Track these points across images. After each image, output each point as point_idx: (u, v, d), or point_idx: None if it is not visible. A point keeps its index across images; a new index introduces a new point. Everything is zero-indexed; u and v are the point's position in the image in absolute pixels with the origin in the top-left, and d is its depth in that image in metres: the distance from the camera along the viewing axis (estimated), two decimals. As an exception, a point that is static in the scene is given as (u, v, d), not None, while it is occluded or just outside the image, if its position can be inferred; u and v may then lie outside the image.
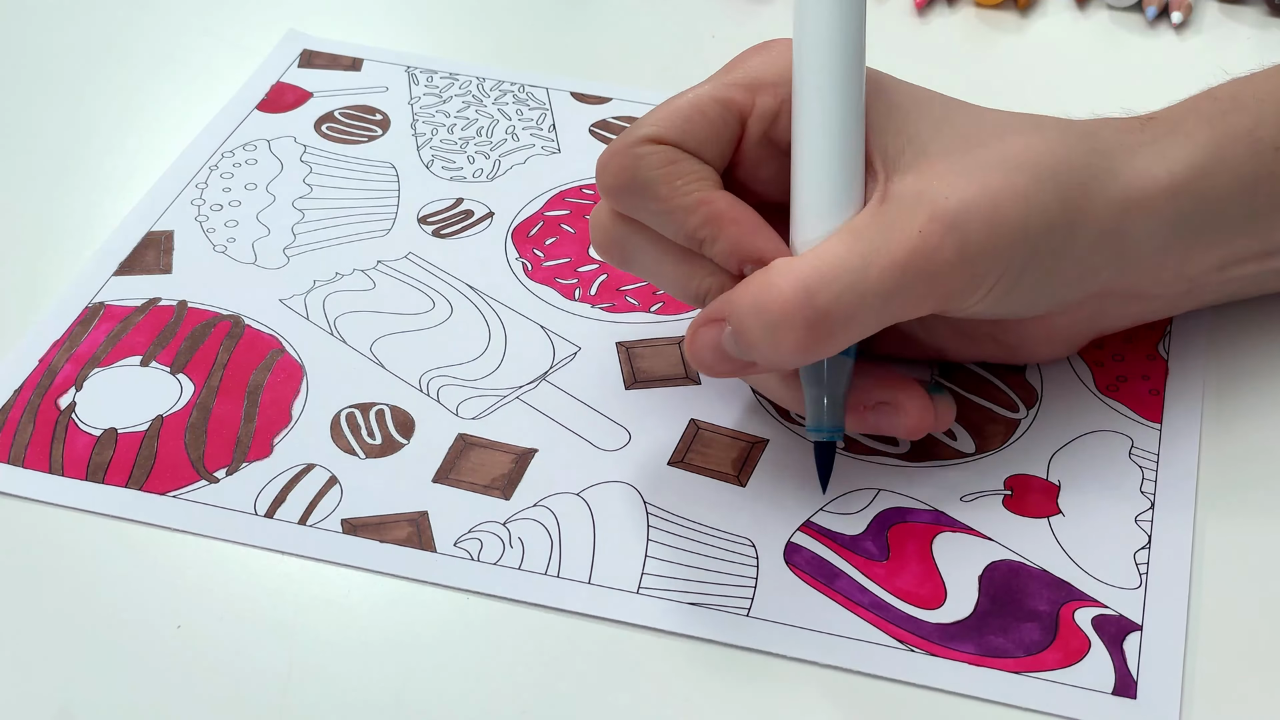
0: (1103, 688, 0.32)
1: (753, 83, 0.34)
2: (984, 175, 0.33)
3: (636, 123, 0.34)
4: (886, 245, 0.32)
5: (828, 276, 0.32)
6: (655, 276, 0.35)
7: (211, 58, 0.52)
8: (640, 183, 0.33)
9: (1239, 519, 0.36)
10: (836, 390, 0.34)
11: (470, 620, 0.34)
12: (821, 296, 0.31)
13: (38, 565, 0.35)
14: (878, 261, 0.32)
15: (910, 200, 0.32)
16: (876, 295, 0.32)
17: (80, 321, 0.42)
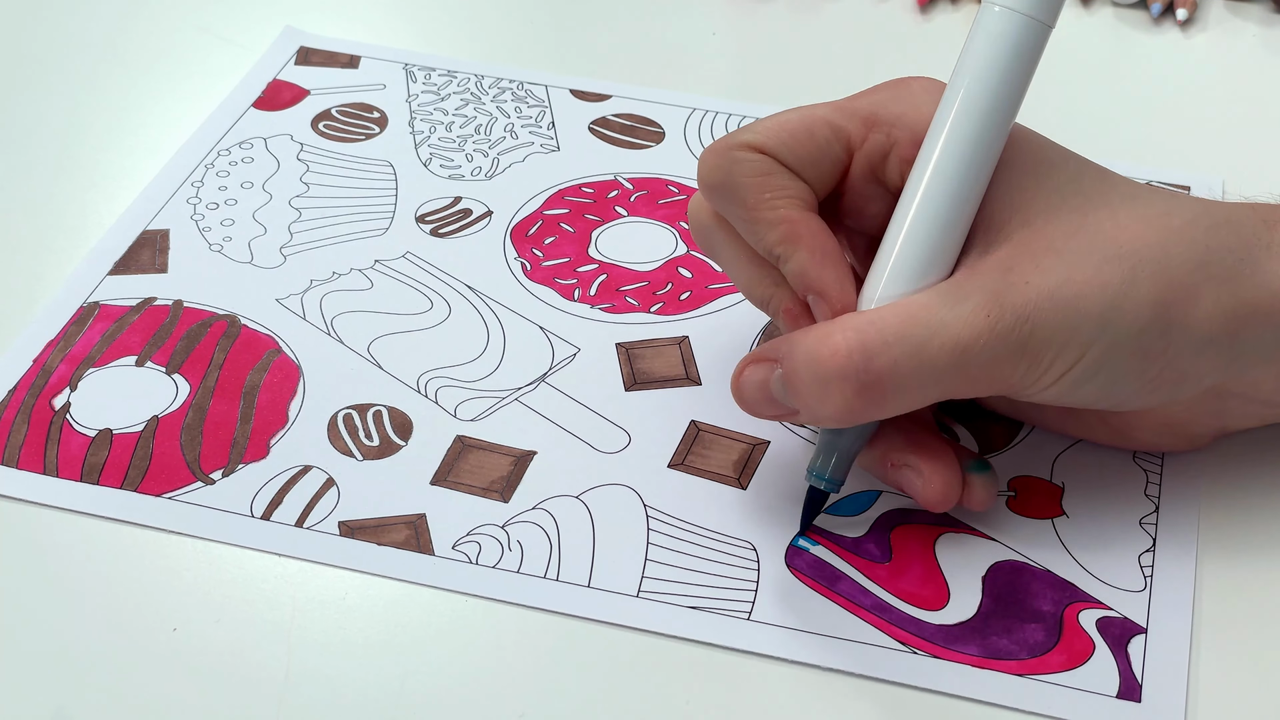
0: (1107, 691, 0.32)
1: (871, 116, 0.34)
2: (1075, 262, 0.31)
3: (745, 126, 0.34)
4: (952, 322, 0.31)
5: (890, 342, 0.31)
6: (730, 271, 0.36)
7: (208, 55, 0.52)
8: (730, 186, 0.33)
9: (1243, 522, 0.36)
10: (850, 447, 0.33)
11: (469, 624, 0.34)
12: (879, 361, 0.31)
13: (32, 567, 0.35)
14: (940, 336, 0.31)
15: (990, 278, 0.31)
16: (933, 371, 0.31)
17: (75, 321, 0.41)
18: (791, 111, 0.34)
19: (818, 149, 0.33)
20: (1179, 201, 0.33)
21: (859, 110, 0.34)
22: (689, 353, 0.40)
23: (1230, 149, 0.47)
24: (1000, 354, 0.31)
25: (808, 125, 0.33)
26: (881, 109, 0.34)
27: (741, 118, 0.48)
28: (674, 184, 0.46)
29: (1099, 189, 0.33)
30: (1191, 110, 0.49)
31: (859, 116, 0.34)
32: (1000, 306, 0.31)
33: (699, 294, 0.42)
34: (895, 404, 0.31)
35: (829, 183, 0.34)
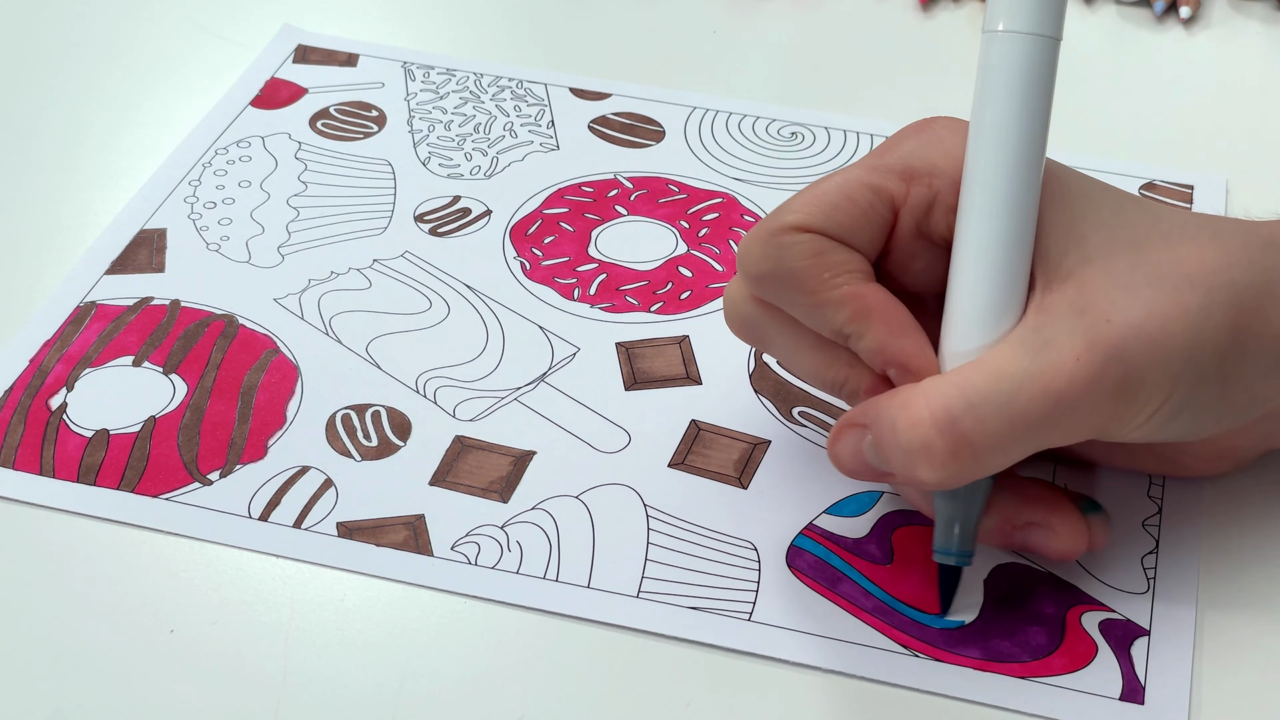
0: (1110, 693, 0.32)
1: (906, 169, 0.32)
2: (1152, 292, 0.30)
3: (781, 207, 0.32)
4: (1040, 372, 0.30)
5: (975, 403, 0.30)
6: (789, 361, 0.34)
7: (205, 53, 0.51)
8: (785, 274, 0.32)
9: (1247, 524, 0.36)
10: (970, 514, 0.32)
11: (468, 625, 0.34)
12: (965, 423, 0.30)
13: (29, 568, 0.35)
14: (1029, 389, 0.30)
15: (1068, 318, 0.30)
16: (1025, 424, 0.30)
17: (72, 321, 0.41)
18: (824, 181, 0.32)
19: (862, 214, 0.32)
20: (1221, 224, 0.32)
21: (892, 165, 0.32)
22: (689, 352, 0.40)
23: (1234, 147, 0.47)
24: (1097, 397, 0.30)
25: (846, 192, 0.32)
26: (914, 159, 0.32)
27: (742, 116, 0.48)
28: (674, 183, 0.46)
29: (1144, 219, 0.32)
30: (1195, 109, 0.49)
31: (894, 172, 0.32)
32: (1089, 349, 0.30)
33: (699, 293, 0.42)
34: (991, 463, 0.30)
35: (878, 246, 0.32)
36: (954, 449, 0.30)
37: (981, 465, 0.30)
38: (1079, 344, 0.30)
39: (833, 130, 0.48)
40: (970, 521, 0.32)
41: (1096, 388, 0.30)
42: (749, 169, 0.46)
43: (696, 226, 0.44)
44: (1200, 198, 0.44)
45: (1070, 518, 0.33)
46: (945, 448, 0.30)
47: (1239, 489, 0.36)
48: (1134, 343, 0.30)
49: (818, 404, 0.39)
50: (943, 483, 0.30)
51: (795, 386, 0.39)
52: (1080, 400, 0.30)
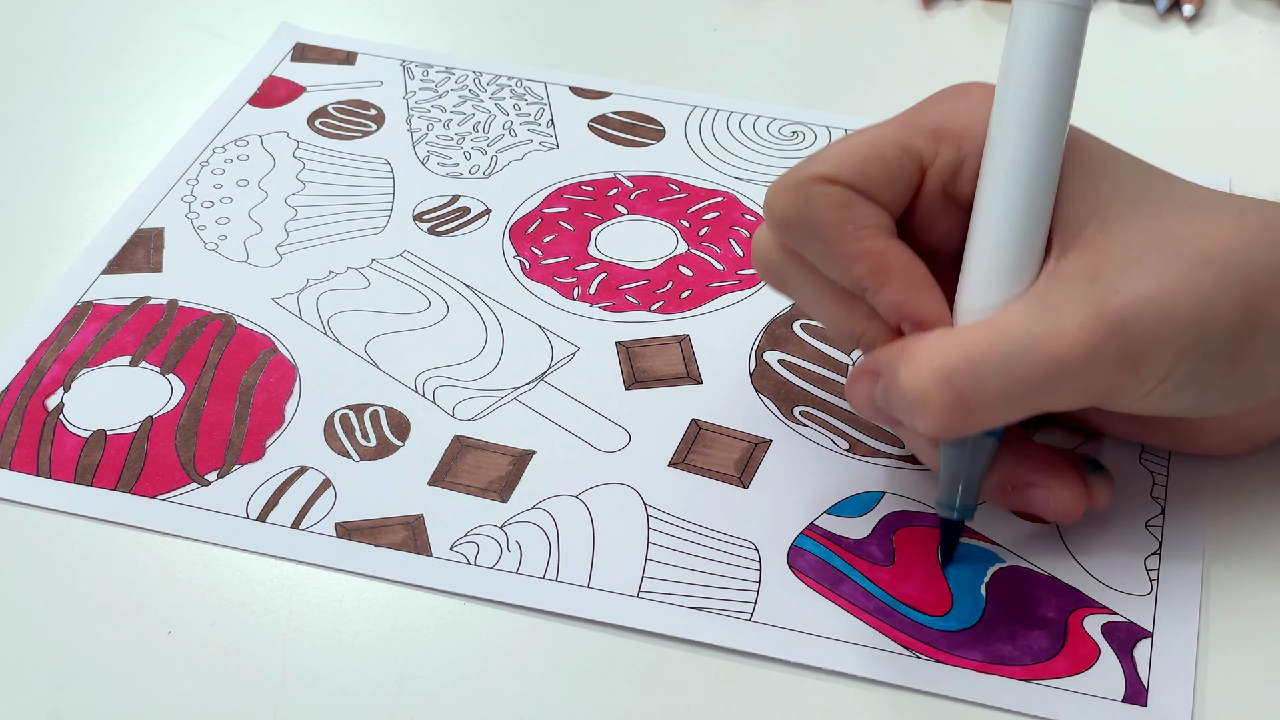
0: (1113, 695, 0.32)
1: (938, 130, 0.32)
2: (1166, 267, 0.30)
3: (811, 157, 0.32)
4: (1043, 336, 0.30)
5: (971, 359, 0.30)
6: (811, 309, 0.35)
7: (203, 51, 0.51)
8: (809, 222, 0.32)
9: (1250, 525, 0.35)
10: (974, 472, 0.33)
11: (467, 625, 0.34)
12: (963, 380, 0.30)
13: (25, 569, 0.35)
14: (1030, 352, 0.30)
15: (1078, 285, 0.30)
16: (1023, 386, 0.30)
17: (69, 321, 0.41)
18: (856, 135, 0.33)
19: (890, 171, 0.32)
20: (1246, 203, 0.32)
21: (924, 125, 0.32)
22: (690, 351, 0.40)
23: (1237, 146, 0.47)
24: (1097, 366, 0.30)
25: (878, 148, 0.32)
26: (947, 121, 0.32)
27: (742, 115, 0.48)
28: (675, 182, 0.46)
29: (1167, 193, 0.32)
30: (1198, 107, 0.49)
31: (925, 132, 0.32)
32: (1094, 317, 0.30)
33: (700, 293, 0.42)
34: (986, 420, 0.31)
35: (904, 204, 0.33)
36: (950, 404, 0.30)
37: (977, 421, 0.31)
38: (1084, 312, 0.30)
39: (834, 129, 0.47)
40: (974, 478, 0.33)
41: (1097, 356, 0.30)
42: (749, 168, 0.46)
43: (697, 226, 0.44)
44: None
45: (1069, 480, 0.33)
46: (942, 402, 0.30)
47: (1242, 489, 0.36)
48: (1140, 315, 0.30)
49: (819, 404, 0.38)
50: (940, 434, 0.31)
51: (796, 386, 0.39)
52: (1080, 367, 0.30)
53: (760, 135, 0.47)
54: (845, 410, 0.38)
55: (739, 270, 0.42)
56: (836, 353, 0.40)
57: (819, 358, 0.40)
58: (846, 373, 0.39)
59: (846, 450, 0.37)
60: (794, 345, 0.40)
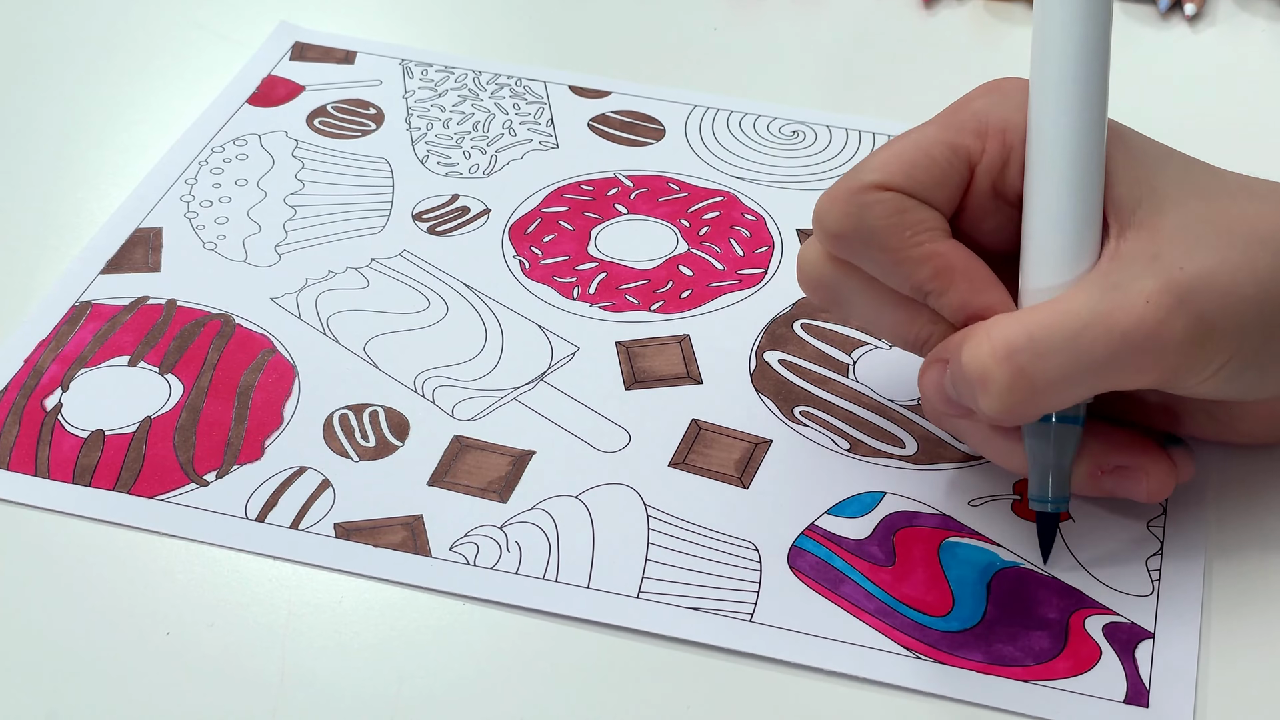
0: (1114, 696, 0.32)
1: (981, 126, 0.32)
2: (1223, 246, 0.30)
3: (859, 166, 0.32)
4: (1109, 311, 0.30)
5: (1037, 337, 0.30)
6: (869, 321, 0.35)
7: (201, 51, 0.51)
8: (866, 232, 0.32)
9: (1252, 525, 0.35)
10: (1063, 460, 0.32)
11: (466, 626, 0.34)
12: (1024, 357, 0.30)
13: (23, 570, 0.35)
14: (1095, 328, 0.30)
15: (1141, 263, 0.30)
16: (1090, 362, 0.30)
17: (67, 321, 0.41)
18: (901, 139, 0.32)
19: (940, 172, 0.32)
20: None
21: (966, 122, 0.32)
22: (690, 351, 0.40)
23: (1239, 145, 0.46)
24: (1165, 341, 0.30)
25: (925, 149, 0.32)
26: (987, 115, 0.32)
27: (743, 114, 0.48)
28: (675, 181, 0.46)
29: (1212, 179, 0.32)
30: (1199, 106, 0.49)
31: (969, 129, 0.32)
32: (1161, 292, 0.30)
33: (700, 292, 0.42)
34: (1054, 399, 0.31)
35: (955, 203, 0.33)
36: (1012, 381, 0.30)
37: (1039, 400, 0.31)
38: (1150, 286, 0.30)
39: (834, 129, 0.47)
40: (1063, 468, 0.33)
41: (1165, 330, 0.30)
42: (750, 167, 0.46)
43: (697, 225, 0.44)
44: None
45: (1159, 458, 0.33)
46: (1003, 379, 0.30)
47: (1244, 489, 0.36)
48: (1206, 291, 0.30)
49: (819, 404, 0.38)
50: (1002, 414, 0.31)
51: (797, 386, 0.39)
52: (1147, 342, 0.30)
53: (761, 135, 0.47)
54: (846, 410, 0.38)
55: (739, 270, 0.42)
56: (837, 353, 0.40)
57: (819, 358, 0.40)
58: (847, 373, 0.39)
59: (847, 450, 0.37)
60: (795, 345, 0.40)
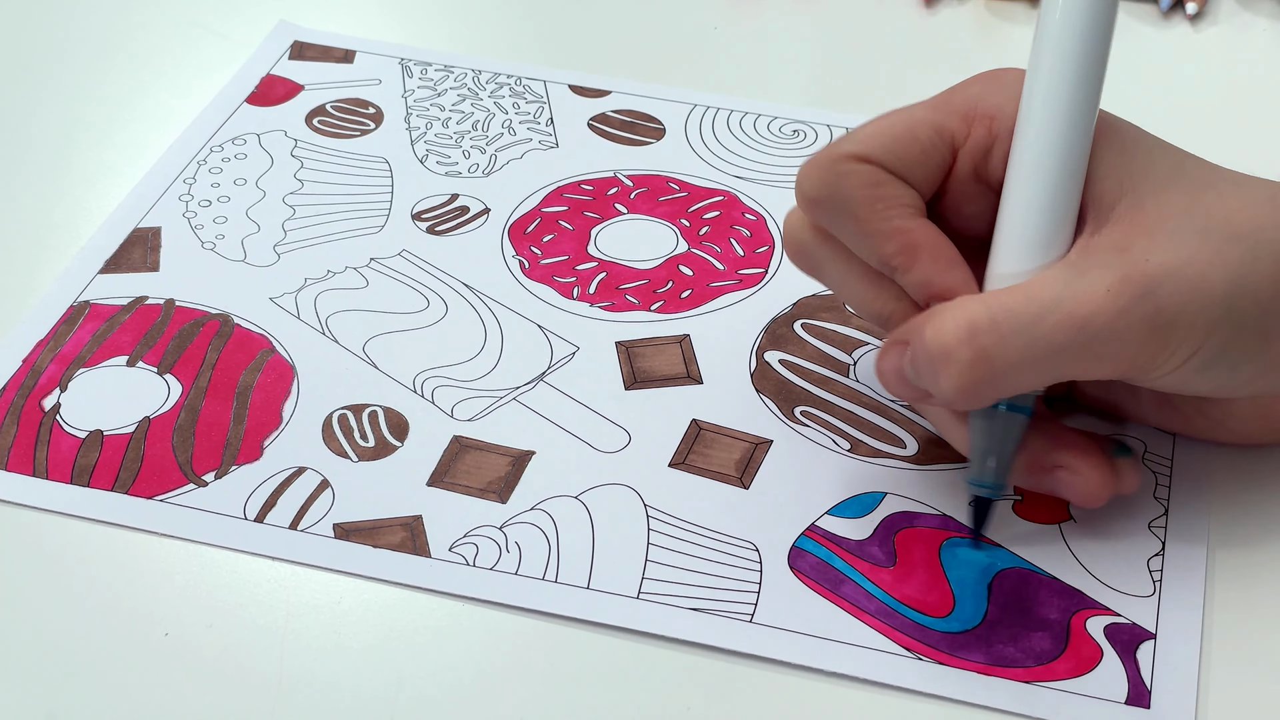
0: (1115, 697, 0.32)
1: (970, 111, 0.33)
2: (1195, 241, 0.31)
3: (844, 136, 0.33)
4: (1069, 298, 0.30)
5: (998, 320, 0.30)
6: (840, 290, 0.35)
7: (200, 50, 0.51)
8: (840, 201, 0.32)
9: (1254, 524, 0.35)
10: (1004, 449, 0.33)
11: (466, 627, 0.33)
12: (985, 339, 0.30)
13: (21, 571, 0.35)
14: (1055, 314, 0.30)
15: (1109, 255, 0.31)
16: (1049, 348, 0.30)
17: (65, 320, 0.41)
18: (889, 116, 0.33)
19: (923, 152, 0.32)
20: (1276, 187, 0.33)
21: (956, 106, 0.33)
22: (690, 351, 0.40)
23: (1240, 143, 0.46)
24: (1124, 331, 0.30)
25: (910, 128, 0.32)
26: (979, 102, 0.33)
27: (743, 114, 0.48)
28: (675, 181, 0.45)
29: (1201, 174, 0.32)
30: (1200, 104, 0.48)
31: (958, 113, 0.33)
32: (1122, 282, 0.30)
33: (700, 292, 0.42)
34: (1010, 382, 0.31)
35: (935, 185, 0.33)
36: (973, 361, 0.30)
37: (999, 383, 0.31)
38: (1112, 277, 0.30)
39: (835, 128, 0.47)
40: (1004, 455, 0.33)
41: (1124, 320, 0.30)
42: (750, 167, 0.46)
43: (697, 225, 0.44)
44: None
45: (1097, 463, 0.33)
46: (964, 358, 0.30)
47: (1246, 489, 0.36)
48: (1169, 284, 0.30)
49: (820, 404, 0.38)
50: (961, 395, 0.31)
51: (797, 386, 0.39)
52: (1106, 331, 0.30)
53: (761, 134, 0.47)
54: (847, 410, 0.38)
55: (739, 270, 0.42)
56: (838, 352, 0.40)
57: (820, 358, 0.40)
58: (848, 373, 0.39)
59: (848, 450, 0.37)
60: (795, 345, 0.40)
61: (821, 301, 0.41)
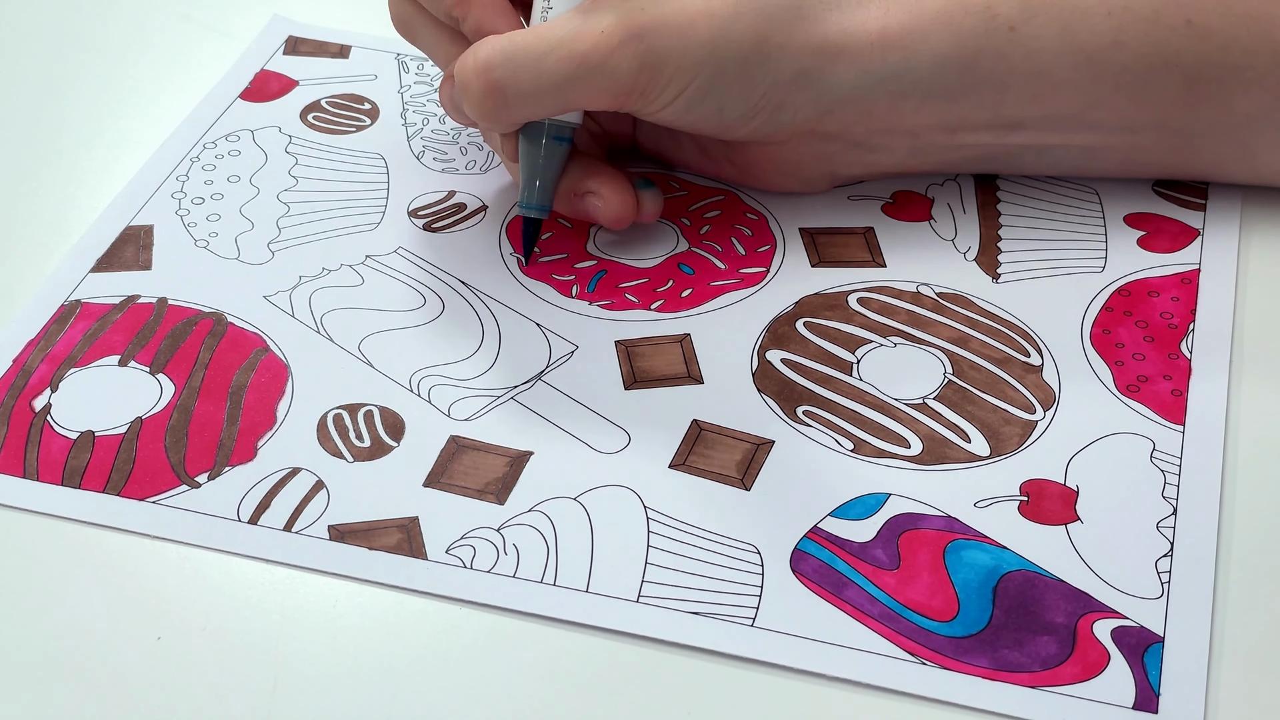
0: (1123, 702, 0.31)
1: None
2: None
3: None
4: (570, 38, 0.36)
5: (509, 54, 0.37)
6: (433, 53, 0.41)
7: (193, 44, 0.51)
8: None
9: (1264, 525, 0.35)
10: (546, 173, 0.39)
11: (462, 631, 0.33)
12: (497, 72, 0.37)
13: (11, 573, 0.34)
14: (558, 51, 0.36)
15: (613, 4, 0.37)
16: (552, 80, 0.37)
17: (56, 320, 0.40)
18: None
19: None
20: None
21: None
22: (691, 350, 0.39)
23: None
24: (616, 67, 0.36)
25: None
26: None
27: (742, 109, 0.48)
28: (674, 179, 0.45)
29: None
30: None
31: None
32: (616, 23, 0.36)
33: (701, 291, 0.41)
34: (525, 109, 0.38)
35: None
36: (486, 89, 0.37)
37: (513, 109, 0.37)
38: (609, 21, 0.37)
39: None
40: (548, 180, 0.40)
41: (615, 57, 0.36)
42: (750, 163, 0.46)
43: (698, 224, 0.43)
44: (1215, 196, 0.43)
45: (621, 190, 0.40)
46: (480, 88, 0.37)
47: (1256, 489, 0.36)
48: (658, 28, 0.37)
49: (823, 403, 0.38)
50: (481, 117, 0.38)
51: (800, 385, 0.38)
52: (601, 66, 0.36)
53: (761, 130, 0.47)
54: (850, 410, 0.38)
55: (741, 269, 0.42)
56: (841, 351, 0.39)
57: (823, 356, 0.39)
58: (851, 372, 0.39)
59: (851, 451, 0.37)
60: (797, 344, 0.40)
61: (824, 300, 0.41)
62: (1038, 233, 0.42)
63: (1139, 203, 0.43)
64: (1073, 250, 0.42)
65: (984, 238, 0.42)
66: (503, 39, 0.37)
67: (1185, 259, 0.41)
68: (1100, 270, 0.41)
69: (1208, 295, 0.40)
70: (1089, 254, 0.42)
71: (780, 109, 0.39)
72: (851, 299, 0.41)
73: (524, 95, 0.37)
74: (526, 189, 0.40)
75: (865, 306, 0.40)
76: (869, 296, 0.41)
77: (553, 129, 0.39)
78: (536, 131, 0.39)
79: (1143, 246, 0.42)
